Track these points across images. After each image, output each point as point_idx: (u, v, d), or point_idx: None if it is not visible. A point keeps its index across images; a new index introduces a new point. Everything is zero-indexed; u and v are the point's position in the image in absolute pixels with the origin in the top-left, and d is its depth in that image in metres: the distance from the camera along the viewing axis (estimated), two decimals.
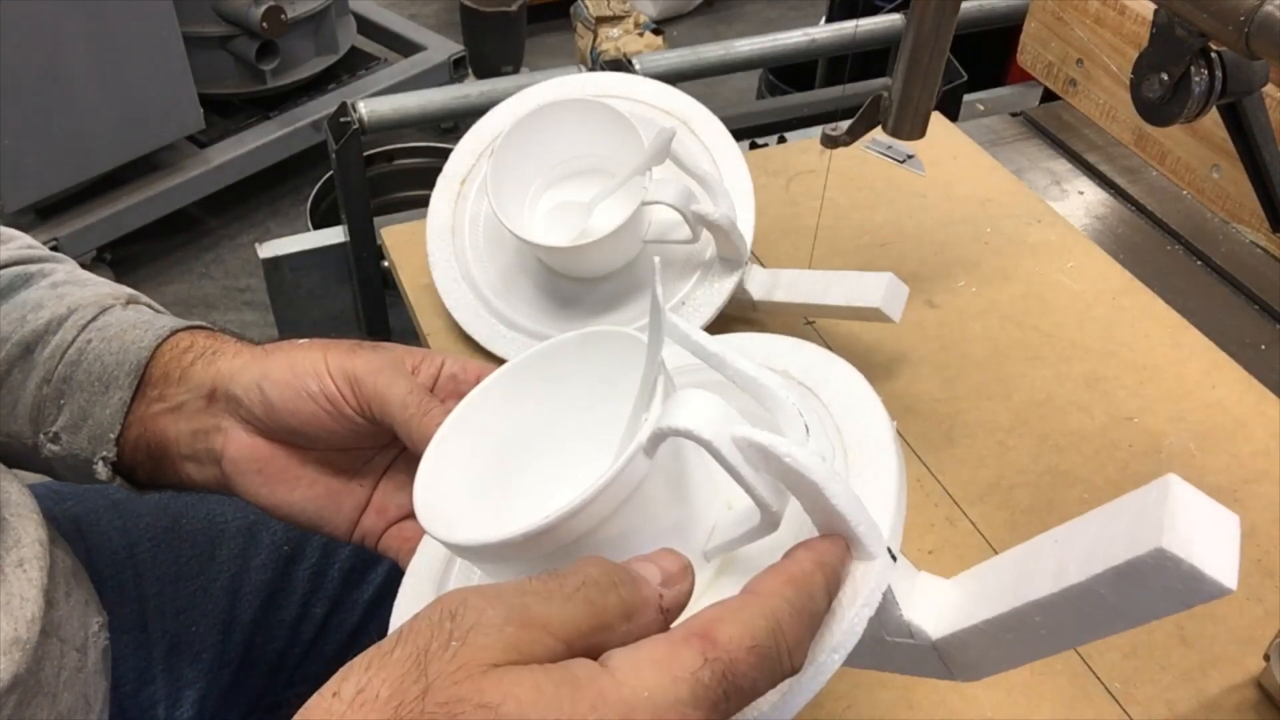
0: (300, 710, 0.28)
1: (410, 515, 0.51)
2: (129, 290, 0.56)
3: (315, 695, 0.28)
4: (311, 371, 0.48)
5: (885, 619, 0.37)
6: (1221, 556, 0.30)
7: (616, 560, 0.33)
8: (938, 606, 0.37)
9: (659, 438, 0.35)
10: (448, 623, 0.29)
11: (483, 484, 0.43)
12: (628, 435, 0.43)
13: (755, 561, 0.38)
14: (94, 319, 0.52)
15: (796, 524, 0.37)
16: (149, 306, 0.56)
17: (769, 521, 0.36)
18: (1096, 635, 0.34)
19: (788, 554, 0.34)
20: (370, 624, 0.69)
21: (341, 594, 0.68)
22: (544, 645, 0.29)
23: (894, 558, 0.36)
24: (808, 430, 0.37)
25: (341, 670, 0.29)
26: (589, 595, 0.31)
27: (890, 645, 0.38)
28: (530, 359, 0.44)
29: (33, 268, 0.55)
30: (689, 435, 0.34)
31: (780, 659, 0.31)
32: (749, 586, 0.33)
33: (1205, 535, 0.30)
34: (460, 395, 0.48)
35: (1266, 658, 0.56)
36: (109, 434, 0.50)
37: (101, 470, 0.51)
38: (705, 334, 0.39)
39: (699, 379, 0.43)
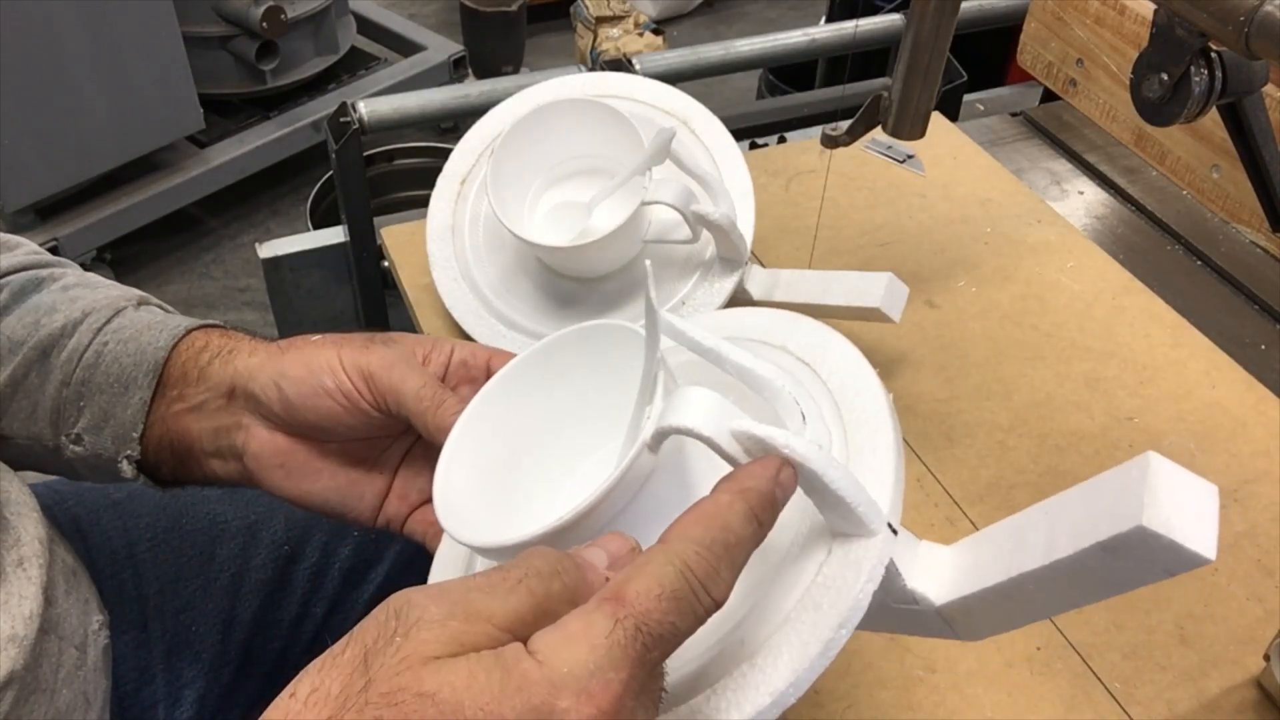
0: (264, 713, 0.30)
1: (431, 499, 0.52)
2: (139, 292, 0.57)
3: (277, 698, 0.30)
4: (327, 368, 0.49)
5: (890, 588, 0.38)
6: (1200, 529, 0.32)
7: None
8: (939, 574, 0.39)
9: (661, 435, 0.37)
10: (393, 621, 0.30)
11: (496, 478, 0.45)
12: (631, 427, 0.44)
13: (762, 545, 0.39)
14: (108, 321, 0.53)
15: (799, 507, 0.38)
16: (160, 307, 0.57)
17: None
18: (1087, 601, 0.36)
19: (717, 486, 0.35)
20: None
21: (341, 594, 0.68)
22: (487, 636, 0.30)
23: (895, 532, 0.37)
24: (804, 418, 0.38)
25: (301, 673, 0.30)
26: (531, 585, 0.32)
27: (896, 611, 0.40)
28: (532, 355, 0.46)
29: (43, 272, 0.56)
30: (690, 432, 0.36)
31: (695, 596, 0.32)
32: (661, 535, 0.34)
33: (1184, 510, 0.32)
34: (471, 380, 0.51)
35: (1266, 658, 0.56)
36: (132, 433, 0.51)
37: (126, 469, 0.52)
38: (701, 329, 0.40)
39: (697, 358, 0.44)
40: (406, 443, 0.54)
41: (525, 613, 0.31)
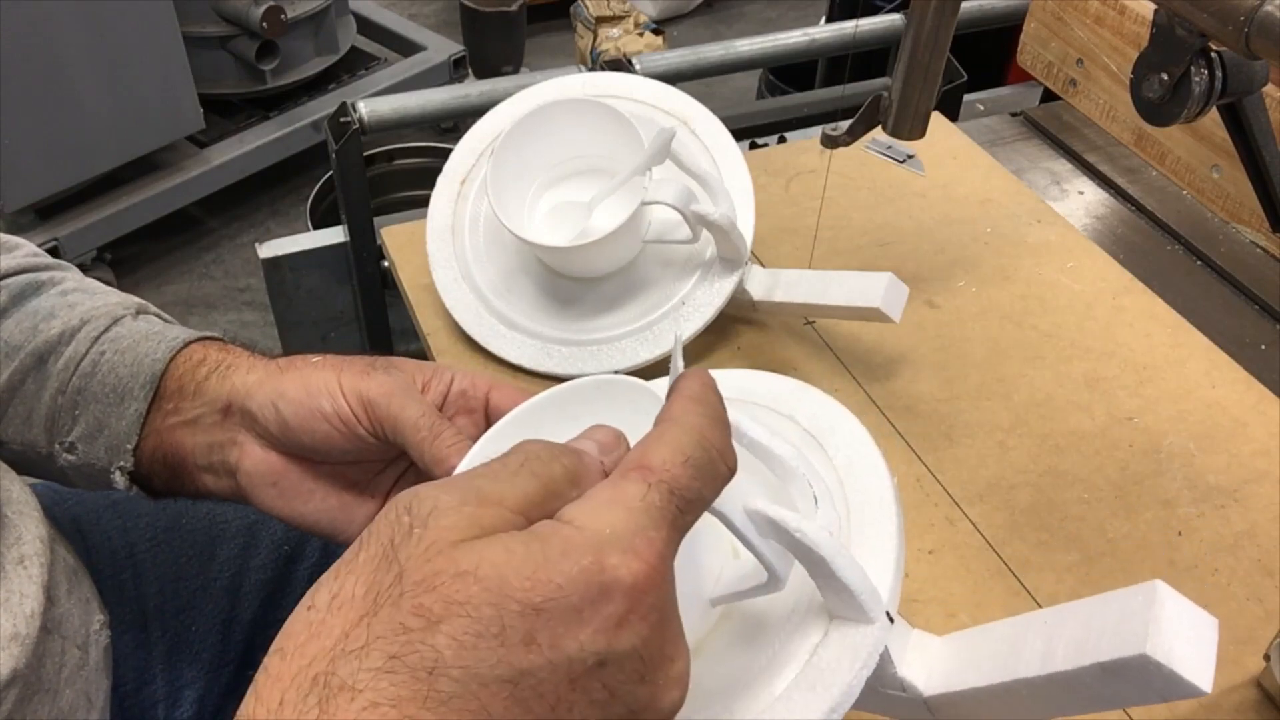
0: (279, 633, 0.30)
1: None
2: (138, 300, 0.57)
3: (291, 615, 0.30)
4: (325, 392, 0.49)
5: (881, 674, 0.39)
6: (1199, 661, 0.33)
7: None
8: (929, 664, 0.40)
9: None
10: (405, 516, 0.30)
11: None
12: None
13: (758, 613, 0.40)
14: (106, 330, 0.53)
15: (798, 582, 0.39)
16: (158, 316, 0.57)
17: (775, 582, 0.37)
18: (1073, 713, 0.37)
19: (675, 388, 0.36)
20: None
21: None
22: (503, 519, 0.31)
23: (891, 620, 0.38)
24: (816, 501, 0.39)
25: (311, 587, 0.30)
26: (534, 468, 0.32)
27: (884, 696, 0.40)
28: (546, 399, 0.45)
29: (42, 275, 0.56)
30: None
31: (715, 464, 0.33)
32: (660, 417, 0.34)
33: (1185, 641, 0.33)
34: (469, 411, 0.50)
35: (1266, 658, 0.56)
36: (126, 445, 0.51)
37: (119, 480, 0.52)
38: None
39: None
40: (400, 468, 0.54)
41: (533, 494, 0.32)
